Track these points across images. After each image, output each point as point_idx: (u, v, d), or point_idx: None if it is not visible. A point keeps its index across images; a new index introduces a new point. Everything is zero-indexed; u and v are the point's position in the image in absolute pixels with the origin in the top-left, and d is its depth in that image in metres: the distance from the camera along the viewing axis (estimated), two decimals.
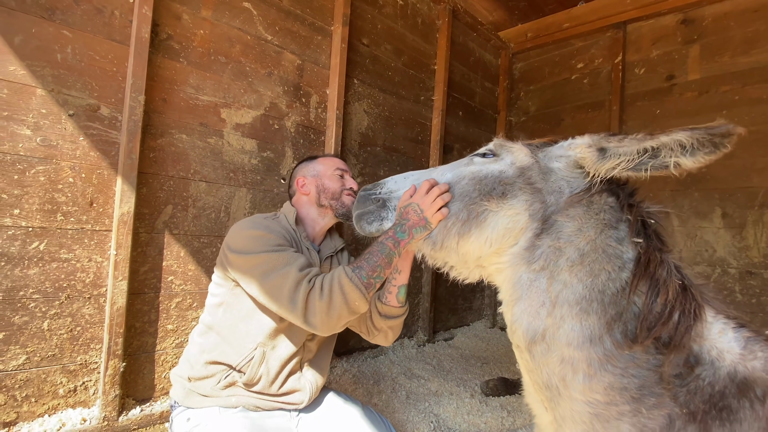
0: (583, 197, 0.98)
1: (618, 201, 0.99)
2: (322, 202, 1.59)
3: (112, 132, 1.67)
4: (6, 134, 1.45)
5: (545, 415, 1.02)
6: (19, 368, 1.49)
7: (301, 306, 1.19)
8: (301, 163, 1.71)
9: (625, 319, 0.90)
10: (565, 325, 0.92)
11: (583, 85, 3.61)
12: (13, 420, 1.48)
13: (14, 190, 1.47)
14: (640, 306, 0.90)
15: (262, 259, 1.29)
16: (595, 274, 0.92)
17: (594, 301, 0.91)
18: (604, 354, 0.89)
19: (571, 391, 0.92)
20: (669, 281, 0.90)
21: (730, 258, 2.83)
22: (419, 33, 3.11)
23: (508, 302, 1.02)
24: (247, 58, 2.10)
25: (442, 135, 3.23)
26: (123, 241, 1.63)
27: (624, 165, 0.90)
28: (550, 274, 0.95)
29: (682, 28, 3.12)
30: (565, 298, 0.92)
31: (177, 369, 1.49)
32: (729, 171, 2.85)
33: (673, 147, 0.84)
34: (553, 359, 0.93)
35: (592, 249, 0.94)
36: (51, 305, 1.55)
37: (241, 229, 1.39)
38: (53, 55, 1.54)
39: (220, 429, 1.33)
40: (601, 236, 0.95)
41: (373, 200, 1.28)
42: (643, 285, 0.90)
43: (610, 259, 0.93)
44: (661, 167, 0.88)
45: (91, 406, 1.64)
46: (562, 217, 0.98)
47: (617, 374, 0.89)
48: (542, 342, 0.94)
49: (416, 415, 1.97)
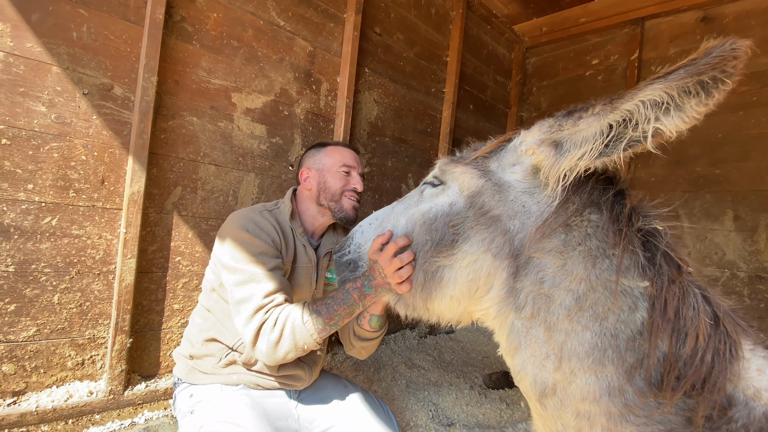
0: (556, 223, 0.80)
1: (602, 219, 0.79)
2: (321, 201, 1.52)
3: (124, 112, 1.69)
4: (22, 110, 1.48)
5: None
6: (29, 339, 1.53)
7: (252, 334, 1.22)
8: (310, 151, 1.64)
9: (647, 366, 0.76)
10: (577, 380, 0.79)
11: (597, 81, 3.56)
12: (22, 389, 1.53)
13: (28, 165, 1.50)
14: (665, 350, 0.74)
15: (240, 270, 1.30)
16: (603, 317, 0.78)
17: (608, 348, 0.77)
18: (625, 405, 0.77)
19: None
20: (697, 322, 0.74)
21: (740, 261, 2.79)
22: (432, 24, 3.08)
23: (506, 351, 0.91)
24: (259, 42, 2.10)
25: (452, 128, 3.21)
26: (133, 220, 1.66)
27: (588, 156, 0.72)
28: (546, 324, 0.81)
29: (701, 25, 3.05)
30: (573, 350, 0.79)
31: (179, 348, 1.52)
32: (742, 173, 2.80)
33: (644, 111, 0.66)
34: (567, 414, 0.82)
35: (589, 288, 0.78)
36: (62, 279, 1.58)
37: (234, 225, 1.37)
38: (69, 34, 1.55)
39: (221, 405, 1.35)
40: (594, 271, 0.78)
41: (345, 264, 1.19)
42: (664, 333, 0.74)
43: (615, 299, 0.77)
44: (638, 141, 0.68)
45: (98, 380, 1.68)
46: (538, 253, 0.81)
47: (640, 424, 0.77)
48: (554, 396, 0.83)
49: (415, 403, 1.99)
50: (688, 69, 0.59)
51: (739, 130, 2.83)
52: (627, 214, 0.78)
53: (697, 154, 2.99)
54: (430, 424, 1.82)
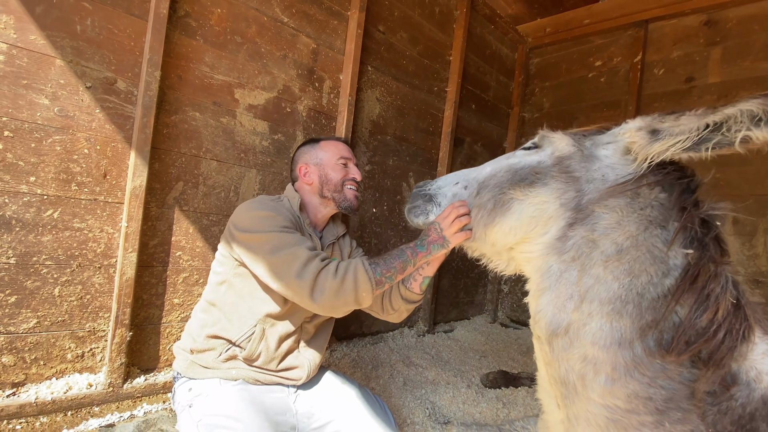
0: (627, 188, 0.89)
1: (670, 198, 0.88)
2: (325, 193, 1.58)
3: (127, 106, 1.69)
4: (25, 102, 1.48)
5: (557, 413, 0.99)
6: (30, 331, 1.54)
7: (309, 281, 1.20)
8: (304, 147, 1.66)
9: (661, 328, 0.82)
10: (592, 323, 0.86)
11: (599, 83, 3.56)
12: (21, 381, 1.53)
13: (31, 158, 1.50)
14: (682, 317, 0.81)
15: (271, 237, 1.30)
16: (635, 275, 0.85)
17: (630, 303, 0.84)
18: (633, 360, 0.83)
19: (589, 391, 0.87)
20: (721, 299, 0.81)
21: (738, 265, 2.80)
22: (436, 22, 3.08)
23: (534, 292, 0.98)
24: (262, 39, 2.10)
25: (454, 127, 3.21)
26: (134, 214, 1.66)
27: (680, 145, 0.81)
28: (581, 266, 0.89)
29: (705, 29, 3.05)
30: (596, 294, 0.86)
31: (180, 342, 1.53)
32: (743, 177, 2.80)
33: (740, 119, 0.74)
34: (574, 355, 0.88)
35: (633, 246, 0.86)
36: (63, 272, 1.59)
37: (249, 208, 1.40)
38: (73, 27, 1.56)
39: (220, 399, 1.36)
40: (644, 234, 0.86)
41: (422, 195, 1.32)
42: (688, 298, 0.81)
43: (654, 261, 0.85)
44: (725, 144, 0.77)
45: (98, 372, 1.69)
46: (600, 207, 0.90)
47: (644, 383, 0.83)
48: (565, 336, 0.89)
49: (412, 401, 2.00)
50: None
51: None
52: (693, 200, 0.88)
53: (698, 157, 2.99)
54: (427, 422, 1.83)
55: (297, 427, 1.50)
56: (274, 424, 1.39)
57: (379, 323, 2.87)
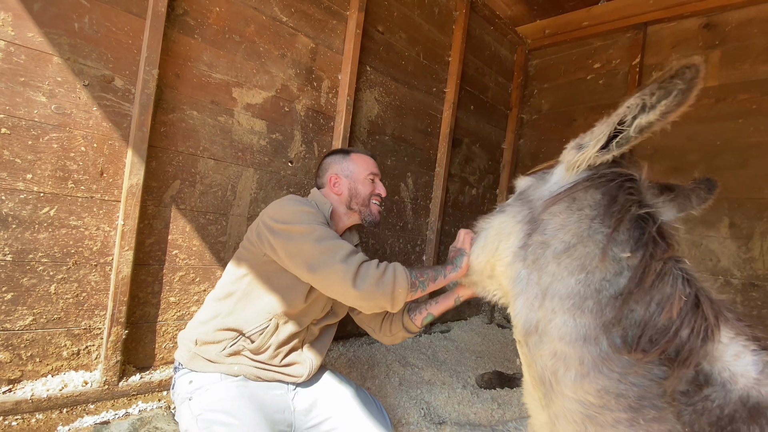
0: (563, 195, 0.97)
1: (605, 197, 0.93)
2: (352, 206, 1.62)
3: (124, 104, 1.69)
4: (22, 100, 1.48)
5: (541, 415, 1.02)
6: (26, 328, 1.54)
7: (354, 268, 1.25)
8: (334, 156, 1.68)
9: (624, 326, 0.84)
10: (556, 319, 0.90)
11: (598, 85, 3.57)
12: (17, 378, 1.54)
13: (28, 155, 1.50)
14: (640, 315, 0.83)
15: (316, 227, 1.34)
16: (589, 271, 0.88)
17: (589, 298, 0.87)
18: (600, 355, 0.85)
19: (562, 387, 0.90)
20: (673, 298, 0.82)
21: (734, 269, 2.81)
22: (435, 23, 3.08)
23: (511, 299, 1.03)
24: (261, 38, 2.10)
25: (452, 128, 3.22)
26: (131, 212, 1.67)
27: (596, 147, 0.91)
28: (539, 266, 0.95)
29: (704, 32, 3.06)
30: (556, 291, 0.91)
31: (185, 331, 1.52)
32: (740, 180, 2.81)
33: (632, 111, 0.83)
34: (545, 352, 0.92)
35: (580, 242, 0.91)
36: (59, 270, 1.59)
37: (289, 204, 1.43)
38: (71, 24, 1.56)
39: (220, 394, 1.37)
40: (588, 231, 0.91)
41: None
42: (640, 299, 0.83)
43: (609, 262, 0.88)
44: (631, 136, 0.86)
45: (93, 370, 1.69)
46: (546, 215, 0.99)
47: (614, 379, 0.84)
48: (535, 333, 0.94)
49: (407, 401, 2.00)
50: (654, 82, 0.80)
51: (738, 138, 2.85)
52: (625, 196, 0.92)
53: (695, 161, 3.00)
54: (422, 422, 1.84)
55: (294, 425, 1.50)
56: (272, 422, 1.40)
57: None
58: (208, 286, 1.99)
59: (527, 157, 3.97)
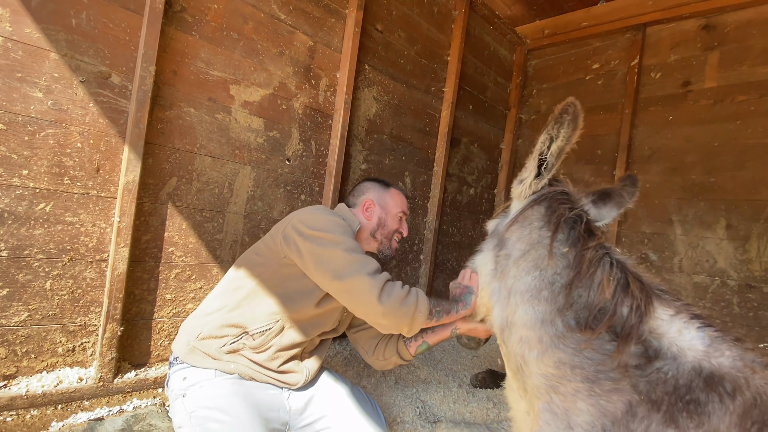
0: (517, 216, 1.19)
1: (547, 209, 1.17)
2: (376, 235, 1.66)
3: (121, 101, 1.69)
4: (19, 95, 1.48)
5: (521, 404, 1.13)
6: (21, 324, 1.54)
7: (380, 283, 1.28)
8: (374, 183, 1.73)
9: (576, 309, 1.01)
10: (519, 310, 1.08)
11: (596, 86, 3.57)
12: (12, 374, 1.54)
13: (24, 151, 1.50)
14: (586, 299, 1.01)
15: (347, 239, 1.38)
16: (542, 268, 1.08)
17: (544, 289, 1.05)
18: (555, 334, 1.01)
19: (529, 366, 1.05)
20: (605, 281, 1.00)
21: (730, 270, 2.82)
22: (434, 22, 3.08)
23: (491, 307, 1.19)
24: (259, 35, 2.10)
25: (450, 128, 3.22)
26: (127, 209, 1.66)
27: (532, 176, 1.18)
28: (504, 274, 1.15)
29: (702, 33, 3.06)
30: (517, 288, 1.09)
31: (188, 322, 1.51)
32: (737, 182, 2.82)
33: (546, 144, 1.10)
34: (514, 339, 1.08)
35: (533, 247, 1.12)
36: (54, 266, 1.59)
37: (323, 213, 1.46)
38: (68, 20, 1.55)
39: (214, 391, 1.37)
40: (538, 237, 1.12)
41: None
42: (581, 285, 1.01)
43: (555, 258, 1.08)
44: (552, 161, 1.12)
45: (88, 367, 1.69)
46: (507, 233, 1.20)
47: (569, 352, 0.99)
48: (507, 327, 1.11)
49: (403, 400, 2.01)
50: (551, 121, 1.07)
51: (735, 139, 2.85)
52: (560, 206, 1.15)
53: (693, 162, 3.01)
54: (417, 421, 1.84)
55: (289, 424, 1.50)
56: (265, 420, 1.40)
57: None
58: (204, 284, 1.99)
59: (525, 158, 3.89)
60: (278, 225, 1.53)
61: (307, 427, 1.52)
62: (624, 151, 3.26)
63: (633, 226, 3.24)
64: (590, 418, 0.94)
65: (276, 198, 2.25)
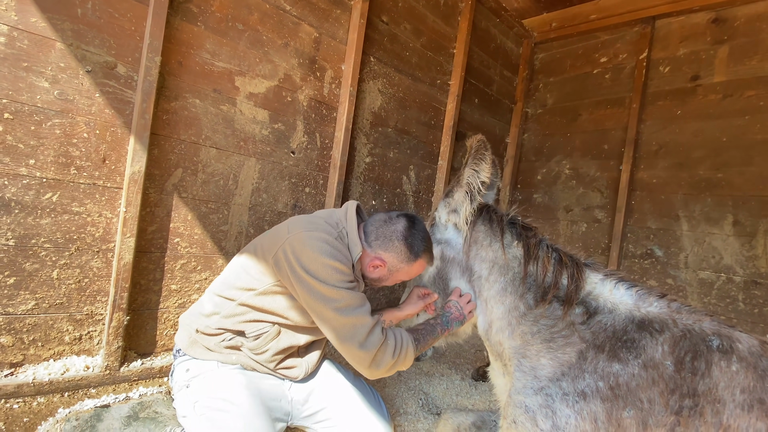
0: (469, 241, 1.51)
1: (487, 225, 1.51)
2: (366, 280, 1.53)
3: (127, 91, 1.69)
4: (25, 85, 1.48)
5: (502, 379, 1.46)
6: (28, 313, 1.55)
7: (371, 354, 1.29)
8: (403, 245, 1.43)
9: (533, 290, 1.36)
10: (494, 309, 1.43)
11: (604, 80, 3.53)
12: (20, 361, 1.55)
13: (30, 140, 1.50)
14: (534, 275, 1.38)
15: (342, 294, 1.29)
16: (505, 273, 1.43)
17: (509, 286, 1.42)
18: (519, 315, 1.36)
19: (503, 345, 1.38)
20: (545, 257, 1.37)
21: (736, 266, 2.80)
22: (440, 14, 3.05)
23: (477, 318, 1.52)
24: (264, 26, 2.09)
25: (456, 121, 3.20)
26: (133, 200, 1.67)
27: (468, 205, 1.48)
28: (479, 292, 1.50)
29: (712, 27, 3.02)
30: (491, 296, 1.45)
31: (187, 316, 1.52)
32: (744, 178, 2.79)
33: (473, 177, 1.45)
34: (493, 332, 1.43)
35: (493, 263, 1.46)
36: (61, 255, 1.60)
37: (319, 252, 1.30)
38: (74, 10, 1.55)
39: (217, 382, 1.38)
40: (493, 252, 1.47)
41: None
42: (532, 266, 1.39)
43: (510, 261, 1.43)
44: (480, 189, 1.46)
45: (95, 355, 1.71)
46: (469, 261, 1.53)
47: (529, 324, 1.33)
48: (489, 328, 1.46)
49: (406, 391, 2.02)
50: (470, 157, 1.44)
51: (744, 135, 2.82)
52: (497, 218, 1.51)
53: (700, 157, 2.97)
54: (420, 412, 1.85)
55: (291, 414, 1.52)
56: (268, 409, 1.41)
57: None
58: (209, 275, 2.00)
59: (531, 152, 3.94)
60: (268, 245, 1.41)
61: (309, 418, 1.53)
62: (631, 145, 3.23)
63: (639, 222, 3.22)
64: (551, 369, 1.23)
65: (280, 190, 2.25)
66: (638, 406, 1.09)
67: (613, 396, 1.11)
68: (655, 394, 1.09)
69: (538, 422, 1.17)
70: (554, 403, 1.17)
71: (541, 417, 1.17)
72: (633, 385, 1.11)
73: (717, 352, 1.09)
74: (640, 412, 1.09)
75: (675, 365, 1.10)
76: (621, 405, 1.10)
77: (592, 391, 1.14)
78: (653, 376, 1.11)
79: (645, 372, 1.11)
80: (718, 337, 1.12)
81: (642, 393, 1.10)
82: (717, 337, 1.12)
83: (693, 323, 1.17)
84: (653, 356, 1.12)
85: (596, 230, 3.43)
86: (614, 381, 1.13)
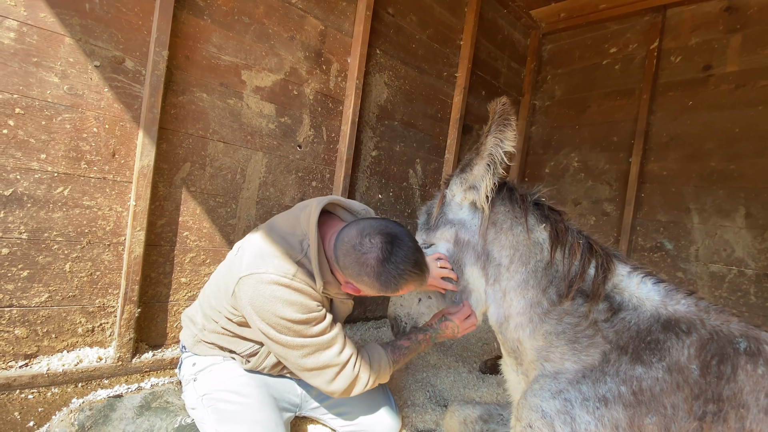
0: (486, 224, 1.34)
1: (507, 206, 1.34)
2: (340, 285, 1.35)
3: (135, 85, 1.70)
4: (35, 80, 1.49)
5: (514, 375, 1.36)
6: (42, 305, 1.58)
7: (340, 390, 1.28)
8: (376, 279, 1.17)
9: (556, 283, 1.23)
10: (514, 303, 1.28)
11: (613, 71, 3.48)
12: (34, 353, 1.59)
13: (41, 135, 1.52)
14: (559, 264, 1.24)
15: (304, 343, 1.22)
16: (527, 262, 1.27)
17: (530, 279, 1.26)
18: (542, 311, 1.22)
19: (524, 344, 1.26)
20: (575, 243, 1.24)
21: (748, 259, 2.76)
22: (447, 5, 3.02)
23: (487, 307, 1.38)
24: (270, 20, 2.09)
25: (462, 114, 3.17)
26: (142, 193, 1.69)
27: (490, 181, 1.28)
28: (496, 280, 1.33)
29: (725, 15, 2.95)
30: (511, 287, 1.29)
31: (191, 313, 1.52)
32: (757, 170, 2.74)
33: (497, 146, 1.24)
34: (511, 328, 1.29)
35: (515, 249, 1.29)
36: (73, 248, 1.62)
37: (271, 307, 1.19)
38: (82, 5, 1.56)
39: (223, 375, 1.40)
40: (515, 237, 1.30)
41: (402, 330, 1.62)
42: (559, 252, 1.25)
43: (533, 247, 1.28)
44: (503, 162, 1.25)
45: (107, 347, 1.73)
46: (488, 245, 1.34)
47: (553, 323, 1.20)
48: (505, 321, 1.31)
49: (414, 384, 2.02)
50: (494, 124, 1.23)
51: (757, 126, 2.76)
52: (520, 197, 1.34)
53: (712, 149, 2.93)
54: (427, 404, 1.86)
55: (300, 406, 1.53)
56: (276, 400, 1.42)
57: (382, 308, 2.89)
58: None
59: (539, 145, 3.91)
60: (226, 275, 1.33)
61: (318, 409, 1.55)
62: (641, 137, 3.19)
63: (649, 215, 3.18)
64: (574, 373, 1.15)
65: (287, 184, 2.26)
66: (661, 413, 1.04)
67: (636, 402, 1.05)
68: (679, 400, 1.03)
69: (556, 429, 1.10)
70: (573, 409, 1.09)
71: (559, 423, 1.09)
72: (657, 390, 1.05)
73: (744, 355, 1.04)
74: (663, 418, 1.03)
75: (701, 369, 1.04)
76: (644, 411, 1.04)
77: (614, 396, 1.07)
78: (678, 380, 1.04)
79: (669, 376, 1.05)
80: (745, 339, 1.07)
81: (666, 398, 1.04)
82: (744, 339, 1.07)
83: (721, 324, 1.10)
84: (678, 359, 1.05)
85: (605, 223, 3.40)
86: (637, 385, 1.06)
